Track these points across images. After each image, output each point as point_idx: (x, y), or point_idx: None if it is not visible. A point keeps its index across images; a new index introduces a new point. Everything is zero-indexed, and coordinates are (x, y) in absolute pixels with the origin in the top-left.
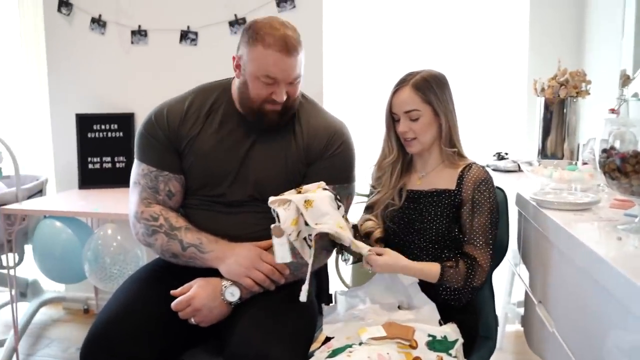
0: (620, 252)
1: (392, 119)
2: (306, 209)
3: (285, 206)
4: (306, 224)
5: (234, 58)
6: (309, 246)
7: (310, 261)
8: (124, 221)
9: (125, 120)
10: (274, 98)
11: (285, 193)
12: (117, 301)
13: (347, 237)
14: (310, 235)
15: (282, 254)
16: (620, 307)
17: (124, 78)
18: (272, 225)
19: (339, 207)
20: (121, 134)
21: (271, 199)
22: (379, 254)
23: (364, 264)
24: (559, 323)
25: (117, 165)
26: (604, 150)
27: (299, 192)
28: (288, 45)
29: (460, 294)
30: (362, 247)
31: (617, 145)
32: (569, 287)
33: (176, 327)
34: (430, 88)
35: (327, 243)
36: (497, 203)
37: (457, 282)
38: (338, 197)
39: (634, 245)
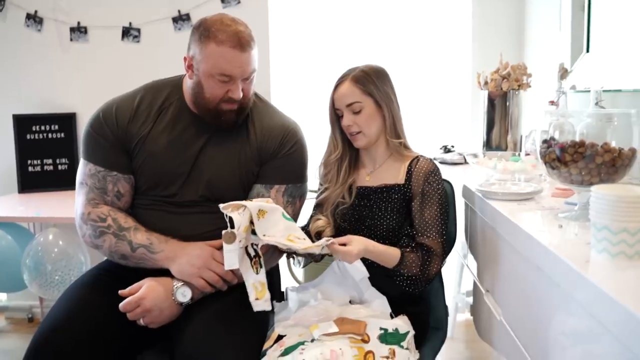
0: (561, 239)
1: (336, 115)
2: (258, 218)
3: (240, 211)
4: (253, 233)
5: (185, 59)
6: (250, 257)
7: (252, 272)
8: (66, 226)
9: (66, 120)
10: (230, 96)
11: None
12: (60, 308)
13: (298, 247)
14: (255, 245)
15: (230, 261)
16: (562, 293)
17: (64, 77)
18: (224, 232)
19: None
20: (63, 134)
21: (223, 204)
22: (343, 244)
23: (335, 254)
24: (506, 311)
25: (60, 167)
26: (545, 141)
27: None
28: (242, 41)
29: (417, 281)
30: (318, 245)
31: (556, 135)
32: (515, 276)
33: (124, 331)
34: (370, 80)
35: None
36: (446, 194)
37: (414, 268)
38: (290, 198)
39: (574, 232)
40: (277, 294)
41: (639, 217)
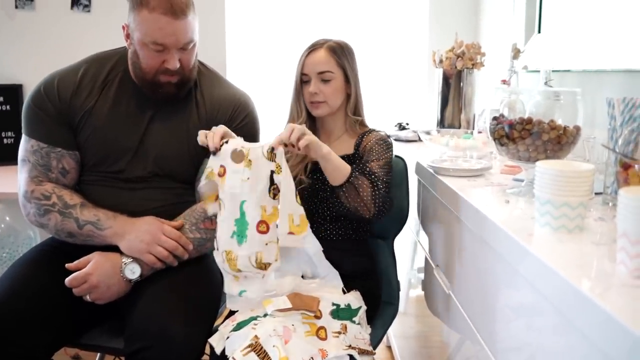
0: (507, 214)
1: (301, 82)
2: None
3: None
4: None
5: (123, 27)
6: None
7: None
8: (13, 201)
9: (12, 92)
10: (166, 66)
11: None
12: (1, 285)
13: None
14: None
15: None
16: (508, 267)
17: (9, 46)
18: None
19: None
20: (8, 107)
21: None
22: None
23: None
24: (455, 285)
25: (5, 141)
26: (494, 118)
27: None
28: (174, 7)
29: (371, 202)
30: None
31: (505, 112)
32: (463, 250)
33: (70, 308)
34: (344, 54)
35: None
36: (392, 160)
37: (364, 187)
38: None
39: (520, 208)
40: None
41: (580, 191)
